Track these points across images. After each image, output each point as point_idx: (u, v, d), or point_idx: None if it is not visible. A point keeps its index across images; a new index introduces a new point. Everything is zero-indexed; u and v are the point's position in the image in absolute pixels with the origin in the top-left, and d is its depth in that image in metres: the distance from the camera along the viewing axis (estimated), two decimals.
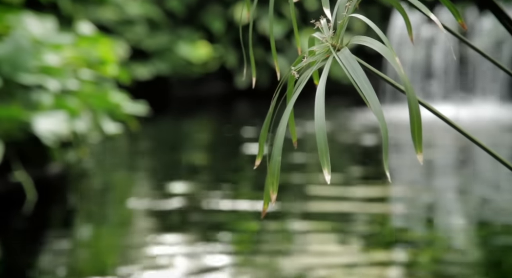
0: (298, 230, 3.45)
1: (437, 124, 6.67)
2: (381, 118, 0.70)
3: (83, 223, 3.72)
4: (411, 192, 4.26)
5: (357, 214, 3.68)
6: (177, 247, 3.12)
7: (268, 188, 0.77)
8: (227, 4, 10.22)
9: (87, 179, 4.78)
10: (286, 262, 2.93)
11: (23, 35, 4.26)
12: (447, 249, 3.15)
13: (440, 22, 0.78)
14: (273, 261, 2.93)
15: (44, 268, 2.93)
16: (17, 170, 4.06)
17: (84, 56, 4.81)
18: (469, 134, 0.81)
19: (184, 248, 3.12)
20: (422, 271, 2.84)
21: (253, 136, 6.59)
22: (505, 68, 0.95)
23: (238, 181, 4.75)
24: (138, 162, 5.63)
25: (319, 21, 0.81)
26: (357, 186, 4.33)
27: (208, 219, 3.60)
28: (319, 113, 0.73)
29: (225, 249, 3.09)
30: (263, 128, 0.81)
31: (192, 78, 10.06)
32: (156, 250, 3.09)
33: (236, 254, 3.07)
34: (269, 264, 2.89)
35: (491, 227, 3.52)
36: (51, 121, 4.04)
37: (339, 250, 3.04)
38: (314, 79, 0.85)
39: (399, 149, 5.86)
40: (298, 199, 4.06)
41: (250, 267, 2.86)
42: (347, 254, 2.99)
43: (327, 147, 0.71)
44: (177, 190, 4.33)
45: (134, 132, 6.02)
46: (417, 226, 3.54)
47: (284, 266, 2.88)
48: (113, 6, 9.12)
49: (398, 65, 0.71)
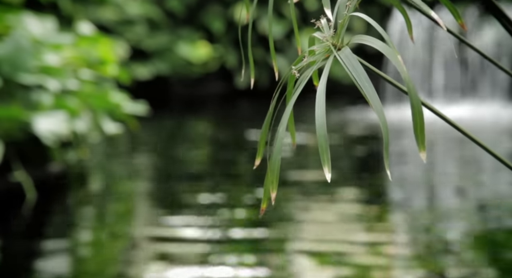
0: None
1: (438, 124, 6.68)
2: (382, 117, 0.70)
3: (83, 223, 3.72)
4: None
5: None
6: (177, 248, 3.12)
7: (268, 186, 0.77)
8: (227, 4, 10.22)
9: (87, 179, 4.78)
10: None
11: (23, 35, 4.26)
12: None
13: (442, 21, 0.78)
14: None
15: (44, 268, 2.93)
16: (17, 169, 4.06)
17: (84, 56, 4.81)
18: (470, 134, 0.81)
19: (184, 248, 3.12)
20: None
21: (253, 136, 6.59)
22: (505, 69, 0.95)
23: (238, 182, 4.75)
24: (138, 162, 5.63)
25: (320, 20, 0.81)
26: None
27: (208, 218, 3.60)
28: (319, 112, 0.73)
29: (231, 255, 3.09)
30: (263, 128, 0.81)
31: (192, 78, 10.06)
32: (156, 251, 3.09)
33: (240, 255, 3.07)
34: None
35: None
36: (51, 121, 4.04)
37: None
38: (313, 80, 0.85)
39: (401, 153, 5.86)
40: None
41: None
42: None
43: (327, 144, 0.71)
44: (177, 190, 4.33)
45: (134, 132, 6.02)
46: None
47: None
48: (113, 6, 9.13)
49: (400, 64, 0.71)
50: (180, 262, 2.92)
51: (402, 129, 6.86)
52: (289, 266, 2.90)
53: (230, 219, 3.62)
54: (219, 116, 8.99)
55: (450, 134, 6.42)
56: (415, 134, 0.71)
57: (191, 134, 7.34)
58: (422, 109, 0.71)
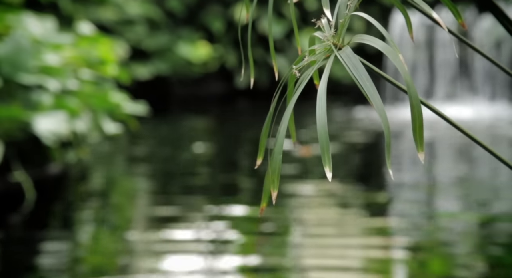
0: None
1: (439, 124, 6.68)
2: (384, 116, 0.70)
3: (83, 223, 3.72)
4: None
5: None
6: (176, 248, 3.12)
7: (268, 186, 0.77)
8: (227, 4, 10.23)
9: (87, 179, 4.78)
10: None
11: (23, 35, 4.26)
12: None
13: (442, 21, 0.78)
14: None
15: (44, 268, 2.93)
16: (17, 170, 4.06)
17: (84, 56, 4.82)
18: (470, 134, 0.81)
19: (183, 248, 3.12)
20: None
21: (253, 136, 6.59)
22: (504, 68, 0.95)
23: (238, 182, 4.75)
24: (138, 162, 5.63)
25: (320, 20, 0.81)
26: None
27: (208, 219, 3.60)
28: (320, 112, 0.73)
29: (230, 253, 3.09)
30: (264, 128, 0.81)
31: (192, 78, 10.06)
32: (155, 251, 3.09)
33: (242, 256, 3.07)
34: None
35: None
36: (51, 121, 4.04)
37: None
38: (314, 79, 0.85)
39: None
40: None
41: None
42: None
43: (328, 144, 0.71)
44: (177, 190, 4.33)
45: (134, 132, 6.02)
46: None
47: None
48: (113, 6, 9.13)
49: (402, 63, 0.71)
50: (180, 262, 2.92)
51: (402, 129, 6.86)
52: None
53: (233, 216, 3.62)
54: (219, 116, 8.99)
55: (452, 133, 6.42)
56: (413, 134, 0.71)
57: (191, 135, 7.34)
58: (421, 110, 0.71)
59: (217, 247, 3.11)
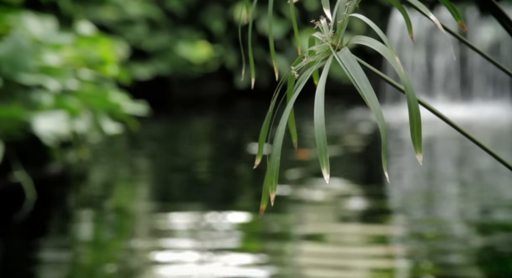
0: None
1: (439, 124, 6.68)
2: (381, 118, 0.70)
3: (83, 223, 3.72)
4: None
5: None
6: (177, 249, 3.12)
7: (267, 187, 0.77)
8: (227, 4, 10.22)
9: (87, 179, 4.78)
10: None
11: (23, 35, 4.26)
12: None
13: (440, 23, 0.78)
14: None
15: (44, 268, 2.93)
16: (17, 169, 4.06)
17: (84, 56, 4.82)
18: (470, 134, 0.81)
19: (184, 248, 3.12)
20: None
21: (253, 136, 6.59)
22: (505, 69, 0.95)
23: (238, 182, 4.75)
24: (138, 162, 5.63)
25: (319, 21, 0.81)
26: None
27: (208, 220, 3.60)
28: (318, 113, 0.73)
29: (230, 253, 3.09)
30: (263, 128, 0.81)
31: (192, 78, 10.06)
32: (155, 252, 3.09)
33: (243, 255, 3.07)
34: None
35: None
36: (51, 121, 4.04)
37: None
38: (314, 79, 0.85)
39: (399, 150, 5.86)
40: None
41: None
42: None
43: (326, 146, 0.71)
44: (177, 190, 4.33)
45: (134, 132, 6.01)
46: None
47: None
48: (113, 6, 9.13)
49: (398, 65, 0.71)
50: (180, 261, 2.92)
51: (401, 129, 6.86)
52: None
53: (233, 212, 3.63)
54: (219, 116, 8.99)
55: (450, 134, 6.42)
56: (411, 135, 0.71)
57: (191, 135, 7.34)
58: (419, 110, 0.71)
59: (216, 254, 3.11)
